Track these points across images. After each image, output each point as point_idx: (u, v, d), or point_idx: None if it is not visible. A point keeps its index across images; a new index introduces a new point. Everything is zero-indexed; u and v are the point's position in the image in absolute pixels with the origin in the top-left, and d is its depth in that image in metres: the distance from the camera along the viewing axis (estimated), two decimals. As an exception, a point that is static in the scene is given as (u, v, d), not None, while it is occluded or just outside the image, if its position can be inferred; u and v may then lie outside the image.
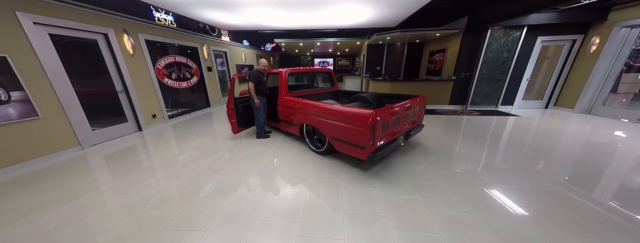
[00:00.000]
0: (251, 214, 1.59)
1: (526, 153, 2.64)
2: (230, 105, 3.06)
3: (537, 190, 1.82)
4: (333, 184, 1.97)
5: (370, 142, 1.90)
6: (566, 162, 2.37)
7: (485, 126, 3.80)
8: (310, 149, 2.76)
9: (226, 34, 6.59)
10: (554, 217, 1.50)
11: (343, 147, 2.21)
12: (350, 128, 2.03)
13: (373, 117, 1.84)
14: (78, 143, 2.85)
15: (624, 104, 4.09)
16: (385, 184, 1.95)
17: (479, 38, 4.71)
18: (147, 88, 3.87)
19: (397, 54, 6.94)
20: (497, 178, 2.02)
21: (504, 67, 4.79)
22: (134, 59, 3.59)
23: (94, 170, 2.38)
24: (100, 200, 1.81)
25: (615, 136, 3.16)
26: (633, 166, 2.24)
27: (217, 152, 2.80)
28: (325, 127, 2.34)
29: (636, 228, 1.40)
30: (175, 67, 4.55)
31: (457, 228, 1.42)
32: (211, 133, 3.67)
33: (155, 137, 3.53)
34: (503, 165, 2.32)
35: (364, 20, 5.30)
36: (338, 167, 2.31)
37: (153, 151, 2.92)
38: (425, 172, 2.17)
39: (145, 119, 3.84)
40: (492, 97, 5.09)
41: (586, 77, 4.33)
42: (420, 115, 2.75)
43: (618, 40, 3.90)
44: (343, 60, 12.63)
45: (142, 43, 3.72)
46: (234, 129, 3.20)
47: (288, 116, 2.97)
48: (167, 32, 4.28)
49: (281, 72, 3.10)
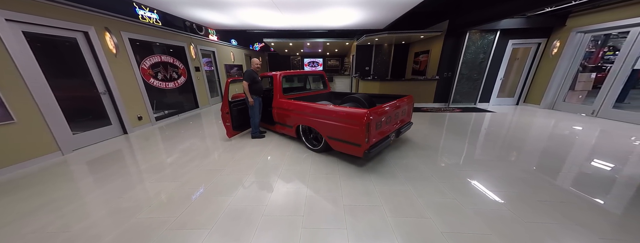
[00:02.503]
0: (255, 210, 1.64)
1: (501, 145, 2.94)
2: (225, 109, 3.04)
3: (511, 177, 2.06)
4: (332, 179, 2.07)
5: (366, 140, 2.02)
6: (535, 152, 2.69)
7: (466, 122, 4.13)
8: (307, 147, 2.84)
9: (214, 33, 6.42)
10: (526, 199, 1.73)
11: (340, 146, 2.31)
12: (346, 127, 2.13)
13: (367, 116, 1.96)
14: (58, 148, 2.67)
15: (580, 100, 4.66)
16: (380, 177, 2.08)
17: (459, 40, 5.08)
18: (131, 89, 3.70)
19: (385, 54, 7.22)
20: (478, 168, 2.25)
21: (481, 67, 5.21)
22: (118, 58, 3.41)
23: (78, 175, 2.26)
24: (94, 206, 1.74)
25: (575, 129, 3.61)
26: (588, 154, 2.60)
27: (212, 153, 2.78)
28: (321, 127, 2.43)
29: (590, 205, 1.66)
30: (161, 67, 4.37)
31: (446, 212, 1.58)
32: (203, 134, 3.60)
33: (142, 139, 3.39)
34: (482, 156, 2.57)
35: (353, 22, 5.48)
36: (335, 163, 2.41)
37: (143, 154, 2.82)
38: (416, 165, 2.35)
39: (131, 121, 3.66)
40: (471, 95, 5.51)
41: (549, 77, 4.85)
42: (409, 114, 2.94)
43: (574, 43, 4.43)
44: (332, 60, 12.78)
45: (126, 42, 3.55)
46: (228, 133, 3.19)
47: (283, 118, 3.02)
48: (152, 31, 4.10)
49: (275, 75, 3.14)
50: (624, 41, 3.81)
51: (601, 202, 1.68)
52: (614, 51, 4.14)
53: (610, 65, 4.01)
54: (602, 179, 2.02)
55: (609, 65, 4.04)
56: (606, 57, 4.26)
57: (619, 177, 2.05)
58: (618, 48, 4.06)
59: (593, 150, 2.68)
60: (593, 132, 3.38)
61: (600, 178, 2.03)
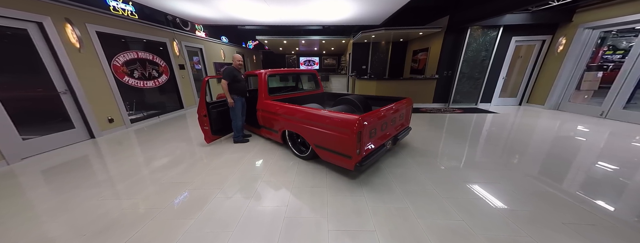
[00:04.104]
0: (217, 239, 1.32)
1: (511, 151, 2.65)
2: (202, 111, 2.71)
3: (527, 191, 1.77)
4: (318, 194, 1.76)
5: (357, 151, 1.71)
6: (550, 160, 2.40)
7: (469, 124, 3.84)
8: (294, 154, 2.52)
9: (201, 29, 6.05)
10: (548, 221, 1.43)
11: (328, 156, 2.00)
12: (334, 135, 1.82)
13: (359, 122, 1.65)
14: (2, 156, 2.31)
15: (585, 100, 4.42)
16: (374, 192, 1.78)
17: (460, 37, 4.80)
18: (100, 88, 3.33)
19: (382, 53, 6.92)
20: (488, 179, 1.96)
21: (483, 65, 4.94)
22: (82, 54, 3.05)
23: (12, 192, 1.89)
24: (12, 233, 1.40)
25: (588, 131, 3.34)
26: (615, 163, 2.32)
27: (184, 161, 2.44)
28: (308, 134, 2.12)
29: (631, 228, 1.37)
30: (138, 64, 4.00)
31: (452, 239, 1.28)
32: (181, 138, 3.26)
33: (114, 144, 3.04)
34: (491, 165, 2.28)
35: (347, 17, 5.16)
36: (323, 173, 2.10)
37: (104, 163, 2.47)
38: (415, 175, 2.05)
39: (100, 123, 3.30)
40: (472, 95, 5.24)
41: (554, 76, 4.60)
42: (407, 118, 2.63)
43: (582, 40, 4.18)
44: (329, 59, 12.48)
45: (93, 35, 3.18)
46: (207, 137, 2.85)
47: (269, 122, 2.70)
48: (127, 24, 3.74)
49: (260, 73, 2.82)
50: (634, 39, 3.56)
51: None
52: (614, 51, 3.92)
53: (611, 64, 3.77)
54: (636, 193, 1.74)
55: (610, 65, 3.82)
56: (605, 56, 4.03)
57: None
58: (619, 47, 3.84)
59: (621, 159, 2.40)
60: (607, 136, 3.12)
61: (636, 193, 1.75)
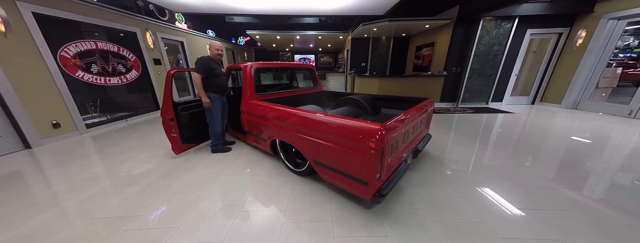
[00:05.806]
0: None
1: (564, 160, 2.17)
2: (168, 114, 2.10)
3: (617, 228, 1.28)
4: (319, 232, 1.21)
5: (377, 175, 1.16)
6: (620, 176, 1.93)
7: (488, 126, 3.38)
8: (287, 168, 1.96)
9: (182, 19, 5.37)
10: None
11: (333, 178, 1.45)
12: (343, 151, 1.28)
13: (382, 134, 1.10)
14: None
15: (603, 98, 4.06)
16: (400, 228, 1.24)
17: (471, 29, 4.35)
18: (39, 84, 2.64)
19: (383, 49, 6.44)
20: (548, 203, 1.45)
21: (495, 61, 4.51)
22: (10, 40, 2.36)
23: None
24: None
25: (616, 132, 2.94)
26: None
27: (139, 180, 1.83)
28: (305, 146, 1.56)
29: None
30: (97, 56, 3.32)
31: None
32: (147, 146, 2.63)
33: (62, 155, 2.38)
34: (540, 180, 1.78)
35: (347, 5, 4.61)
36: (326, 197, 1.55)
37: (27, 186, 1.82)
38: (449, 197, 1.53)
39: (39, 130, 2.61)
40: (482, 93, 4.81)
41: (573, 72, 4.22)
42: (427, 124, 2.12)
43: (605, 32, 3.80)
44: (325, 56, 11.98)
45: (27, 17, 2.49)
46: (175, 147, 2.23)
47: (256, 127, 2.12)
48: (79, 7, 3.05)
49: (246, 66, 2.23)
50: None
51: None
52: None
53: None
54: None
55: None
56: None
57: None
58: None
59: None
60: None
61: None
